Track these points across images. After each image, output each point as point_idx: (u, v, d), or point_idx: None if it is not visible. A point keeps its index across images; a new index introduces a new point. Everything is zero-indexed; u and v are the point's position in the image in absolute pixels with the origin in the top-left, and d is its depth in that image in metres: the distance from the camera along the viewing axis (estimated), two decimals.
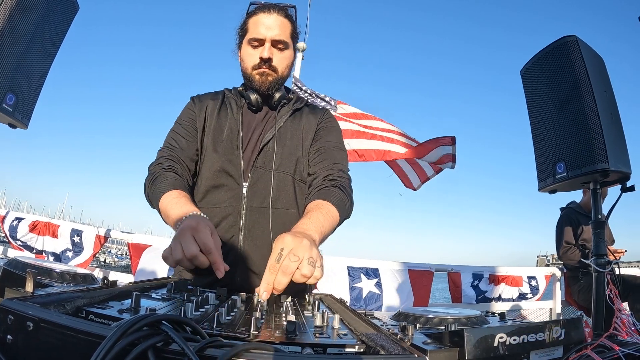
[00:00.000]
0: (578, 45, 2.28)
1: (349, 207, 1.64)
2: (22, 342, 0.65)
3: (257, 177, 1.69)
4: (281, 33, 1.72)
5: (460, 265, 5.42)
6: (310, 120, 1.84)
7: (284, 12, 1.75)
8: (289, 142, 1.76)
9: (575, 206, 4.67)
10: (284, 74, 1.78)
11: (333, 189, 1.60)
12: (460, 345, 0.78)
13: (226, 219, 1.68)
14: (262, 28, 1.71)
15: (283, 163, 1.72)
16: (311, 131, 1.81)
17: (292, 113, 1.82)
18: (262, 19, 1.72)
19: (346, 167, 1.77)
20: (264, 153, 1.71)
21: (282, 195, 1.70)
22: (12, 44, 1.92)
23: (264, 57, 1.70)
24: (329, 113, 1.93)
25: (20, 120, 2.06)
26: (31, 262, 1.38)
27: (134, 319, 0.58)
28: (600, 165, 2.09)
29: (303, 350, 0.71)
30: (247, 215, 1.67)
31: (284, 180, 1.71)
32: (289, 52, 1.78)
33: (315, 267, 1.08)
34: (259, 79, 1.74)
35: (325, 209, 1.48)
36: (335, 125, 1.90)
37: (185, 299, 1.04)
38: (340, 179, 1.67)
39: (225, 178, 1.70)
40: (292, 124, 1.80)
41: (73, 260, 4.66)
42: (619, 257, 4.19)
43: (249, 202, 1.67)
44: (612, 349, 1.05)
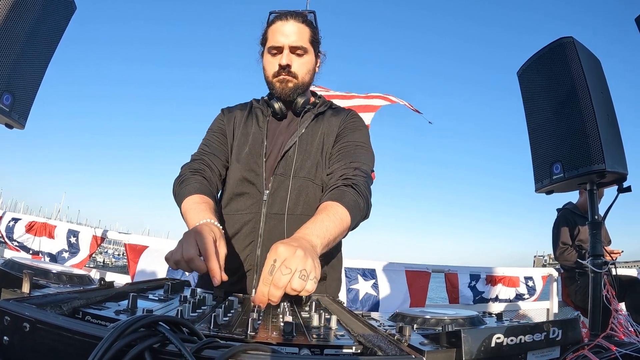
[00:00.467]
0: (575, 46, 2.29)
1: (363, 207, 1.57)
2: (19, 343, 0.65)
3: (278, 184, 1.69)
4: (299, 39, 1.73)
5: (457, 266, 5.42)
6: (332, 122, 1.82)
7: (302, 18, 1.77)
8: (310, 147, 1.75)
9: (571, 207, 4.68)
10: (305, 79, 1.79)
11: (345, 189, 1.54)
12: (458, 345, 0.78)
13: (246, 225, 1.69)
14: (279, 36, 1.73)
15: (303, 169, 1.71)
16: (332, 134, 1.79)
17: (314, 118, 1.82)
18: (279, 27, 1.74)
19: (365, 165, 1.70)
20: (284, 160, 1.72)
21: (301, 201, 1.68)
22: (9, 44, 1.91)
23: (282, 64, 1.72)
24: (354, 113, 1.90)
25: (17, 120, 2.05)
26: (28, 262, 1.38)
27: (131, 320, 0.58)
28: (596, 166, 2.10)
29: (300, 351, 0.71)
30: (266, 222, 1.67)
31: (304, 186, 1.70)
32: (308, 57, 1.79)
33: (307, 281, 1.04)
34: (279, 86, 1.76)
35: (333, 210, 1.43)
36: (360, 125, 1.86)
37: (182, 300, 1.04)
38: (355, 177, 1.61)
39: (247, 186, 1.72)
40: (314, 128, 1.80)
41: (69, 260, 4.66)
42: (615, 257, 4.20)
43: (269, 209, 1.68)
44: (609, 349, 1.05)
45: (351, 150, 1.73)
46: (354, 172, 1.62)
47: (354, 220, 1.50)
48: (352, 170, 1.63)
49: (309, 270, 1.06)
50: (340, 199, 1.48)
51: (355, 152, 1.72)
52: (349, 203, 1.48)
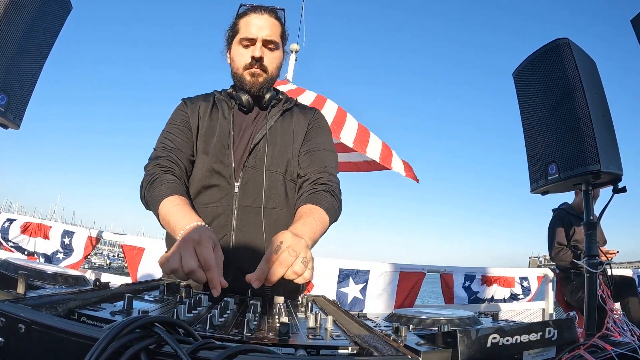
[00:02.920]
0: (570, 47, 2.29)
1: (337, 211, 1.66)
2: (14, 345, 0.64)
3: (249, 177, 1.69)
4: (272, 33, 1.74)
5: (452, 266, 5.44)
6: (301, 120, 1.85)
7: (275, 14, 1.79)
8: (280, 141, 1.76)
9: (567, 207, 4.70)
10: (274, 74, 1.80)
11: (324, 194, 1.61)
12: (453, 346, 0.78)
13: (217, 218, 1.67)
14: (253, 28, 1.73)
15: (274, 163, 1.72)
16: (302, 131, 1.82)
17: (282, 113, 1.83)
18: (253, 19, 1.74)
19: (335, 170, 1.79)
20: (254, 153, 1.72)
21: (273, 194, 1.70)
22: (3, 44, 1.90)
23: (256, 56, 1.72)
24: (319, 113, 1.94)
25: (12, 120, 2.04)
26: (23, 263, 1.38)
27: (127, 321, 0.58)
28: (592, 167, 2.10)
29: (296, 352, 0.71)
30: (238, 214, 1.67)
31: (275, 180, 1.72)
32: (279, 53, 1.81)
33: (306, 268, 1.11)
34: (250, 79, 1.75)
35: (317, 214, 1.50)
36: (325, 126, 1.92)
37: (178, 301, 1.04)
38: (330, 182, 1.68)
39: (216, 178, 1.70)
40: (283, 123, 1.81)
41: (64, 261, 4.65)
42: (610, 258, 4.22)
43: (240, 202, 1.67)
44: (604, 349, 1.06)
45: (321, 153, 1.79)
46: (328, 177, 1.70)
47: (330, 222, 1.59)
48: (327, 175, 1.71)
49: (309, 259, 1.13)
50: (320, 204, 1.56)
51: (326, 157, 1.79)
52: (328, 207, 1.57)
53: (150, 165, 1.66)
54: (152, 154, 1.73)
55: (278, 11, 1.82)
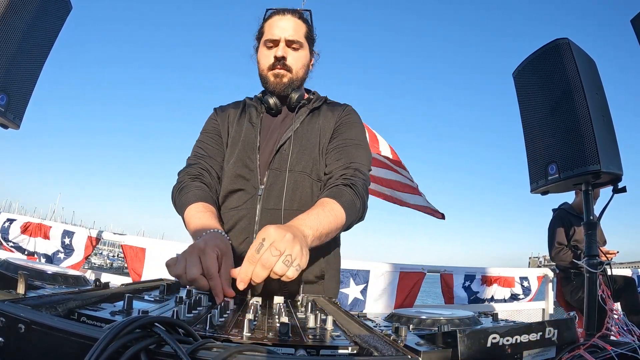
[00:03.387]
0: (570, 47, 2.30)
1: (359, 207, 1.59)
2: (14, 345, 0.64)
3: (273, 179, 1.68)
4: (295, 33, 1.76)
5: (452, 267, 5.44)
6: (329, 117, 1.82)
7: (298, 15, 1.80)
8: (306, 142, 1.74)
9: (567, 207, 4.70)
10: (299, 74, 1.80)
11: (344, 188, 1.55)
12: (454, 346, 0.78)
13: (241, 220, 1.67)
14: (276, 29, 1.75)
15: (300, 163, 1.70)
16: (329, 129, 1.79)
17: (309, 112, 1.82)
18: (276, 21, 1.77)
19: (364, 166, 1.72)
20: (279, 155, 1.71)
21: (297, 196, 1.67)
22: (3, 44, 1.90)
23: (278, 55, 1.74)
24: (350, 109, 1.90)
25: (12, 120, 2.04)
26: (23, 263, 1.38)
27: (127, 321, 0.58)
28: (592, 167, 2.10)
29: (296, 352, 0.71)
30: (261, 217, 1.65)
31: (301, 180, 1.69)
32: (304, 52, 1.81)
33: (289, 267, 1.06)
34: (273, 80, 1.76)
35: (328, 206, 1.45)
36: (356, 121, 1.87)
37: (178, 301, 1.04)
38: (354, 177, 1.62)
39: (242, 182, 1.70)
40: (310, 123, 1.80)
41: (64, 261, 4.65)
42: (610, 258, 4.22)
43: (264, 204, 1.66)
44: (604, 349, 1.06)
45: (349, 149, 1.73)
46: (353, 172, 1.63)
47: (349, 219, 1.52)
48: (352, 171, 1.64)
49: (294, 257, 1.07)
50: (336, 197, 1.49)
51: (354, 152, 1.72)
52: (346, 202, 1.50)
53: (182, 173, 1.75)
54: (186, 161, 1.80)
55: (303, 12, 1.83)
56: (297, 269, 1.08)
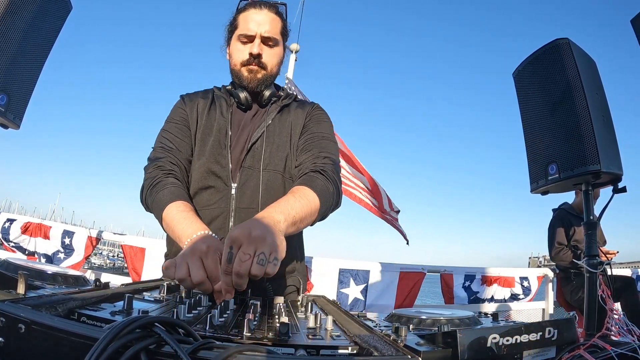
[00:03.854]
0: (570, 47, 2.29)
1: (333, 192, 1.55)
2: (14, 345, 0.64)
3: (246, 177, 1.65)
4: (271, 30, 1.70)
5: (452, 267, 5.44)
6: (299, 114, 1.79)
7: (275, 9, 1.74)
8: (277, 139, 1.71)
9: (567, 207, 4.70)
10: (274, 71, 1.76)
11: (314, 174, 1.53)
12: (454, 346, 0.78)
13: (215, 221, 1.63)
14: (252, 24, 1.69)
15: (272, 161, 1.67)
16: (299, 125, 1.76)
17: (280, 110, 1.78)
18: (252, 14, 1.70)
19: (334, 155, 1.70)
20: (252, 152, 1.68)
21: (271, 194, 1.62)
22: (3, 44, 1.90)
23: (254, 53, 1.68)
24: (318, 106, 1.88)
25: (12, 120, 2.04)
26: (23, 263, 1.37)
27: (127, 321, 0.58)
28: (592, 167, 2.10)
29: (296, 352, 0.71)
30: (236, 216, 1.62)
31: (273, 179, 1.66)
32: (279, 49, 1.76)
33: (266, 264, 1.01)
34: (247, 75, 1.71)
35: (300, 192, 1.41)
36: (325, 118, 1.84)
37: (178, 301, 1.04)
38: (324, 165, 1.60)
39: (213, 179, 1.66)
40: (280, 120, 1.76)
41: (65, 261, 4.65)
42: (610, 258, 4.22)
43: (237, 204, 1.63)
44: (604, 348, 1.06)
45: (317, 141, 1.71)
46: (322, 160, 1.62)
47: (324, 205, 1.48)
48: (322, 159, 1.62)
49: (268, 252, 1.03)
50: (308, 183, 1.47)
51: (322, 143, 1.70)
52: (318, 187, 1.47)
53: (151, 167, 1.64)
54: (151, 154, 1.70)
55: (279, 6, 1.77)
56: (274, 264, 1.03)
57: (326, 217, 1.61)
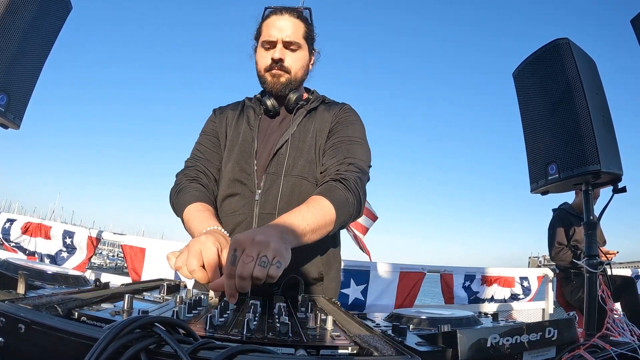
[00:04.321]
0: (570, 47, 2.29)
1: (353, 203, 1.50)
2: (14, 345, 0.64)
3: (270, 183, 1.66)
4: (293, 34, 1.72)
5: (452, 267, 5.44)
6: (325, 117, 1.78)
7: (297, 14, 1.76)
8: (302, 144, 1.71)
9: (567, 207, 4.70)
10: (298, 75, 1.77)
11: (334, 184, 1.49)
12: (454, 346, 0.78)
13: (239, 226, 1.66)
14: (273, 30, 1.72)
15: (296, 167, 1.67)
16: (325, 129, 1.75)
17: (306, 114, 1.78)
18: (274, 21, 1.73)
19: (361, 161, 1.64)
20: (276, 158, 1.69)
21: (294, 200, 1.61)
22: (3, 44, 1.90)
23: (275, 58, 1.70)
24: (348, 107, 1.85)
25: (12, 120, 2.04)
26: (22, 263, 1.38)
27: (127, 321, 0.58)
28: (592, 167, 2.10)
29: (296, 352, 0.71)
30: (259, 222, 1.63)
31: (297, 184, 1.65)
32: (302, 53, 1.77)
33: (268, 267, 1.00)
34: (270, 80, 1.74)
35: (314, 203, 1.39)
36: (354, 119, 1.80)
37: (178, 301, 1.04)
38: (347, 172, 1.55)
39: (239, 186, 1.69)
40: (307, 125, 1.76)
41: (68, 260, 4.65)
42: (610, 258, 4.22)
43: (261, 209, 1.64)
44: (604, 348, 1.06)
45: (345, 145, 1.68)
46: (346, 167, 1.58)
47: (341, 215, 1.44)
48: (346, 165, 1.59)
49: (271, 256, 1.02)
50: (325, 193, 1.44)
51: (350, 148, 1.67)
52: (335, 197, 1.44)
53: (180, 175, 1.76)
54: (184, 163, 1.81)
55: (303, 11, 1.79)
56: (277, 266, 1.02)
57: (345, 226, 1.60)
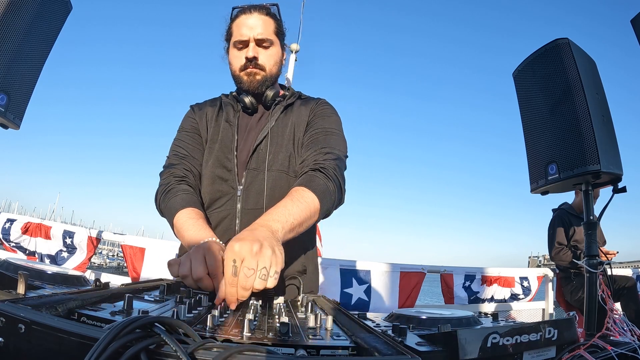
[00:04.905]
0: (570, 47, 2.29)
1: (334, 190, 1.54)
2: (14, 345, 0.64)
3: (251, 179, 1.68)
4: (264, 31, 1.73)
5: (452, 267, 5.43)
6: (302, 111, 1.80)
7: (266, 11, 1.77)
8: (281, 139, 1.73)
9: (567, 207, 4.70)
10: (273, 71, 1.79)
11: (313, 173, 1.52)
12: (454, 346, 0.78)
13: (222, 222, 1.68)
14: (244, 29, 1.72)
15: (276, 161, 1.69)
16: (302, 122, 1.77)
17: (284, 109, 1.80)
18: (243, 20, 1.74)
19: (337, 150, 1.68)
20: (256, 154, 1.70)
21: (277, 194, 1.63)
22: (3, 44, 1.90)
23: (249, 56, 1.72)
24: (324, 101, 1.89)
25: (12, 120, 2.04)
26: (22, 263, 1.37)
27: (127, 321, 0.58)
28: (591, 167, 2.10)
29: (296, 352, 0.71)
30: (242, 218, 1.65)
31: (278, 179, 1.68)
32: (275, 50, 1.79)
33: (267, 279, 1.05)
34: (247, 79, 1.75)
35: (297, 195, 1.42)
36: (330, 112, 1.84)
37: (178, 301, 1.04)
38: (325, 161, 1.58)
39: (220, 183, 1.70)
40: (284, 120, 1.78)
41: (69, 260, 4.65)
42: (610, 258, 4.22)
43: (243, 205, 1.66)
44: (604, 348, 1.06)
45: (321, 137, 1.71)
46: (324, 156, 1.61)
47: (325, 204, 1.48)
48: (323, 155, 1.62)
49: (270, 266, 1.06)
50: (307, 184, 1.47)
51: (327, 139, 1.70)
52: (317, 187, 1.46)
53: (165, 174, 1.72)
54: (166, 162, 1.78)
55: (270, 7, 1.80)
56: (275, 278, 1.07)
57: (329, 215, 1.62)
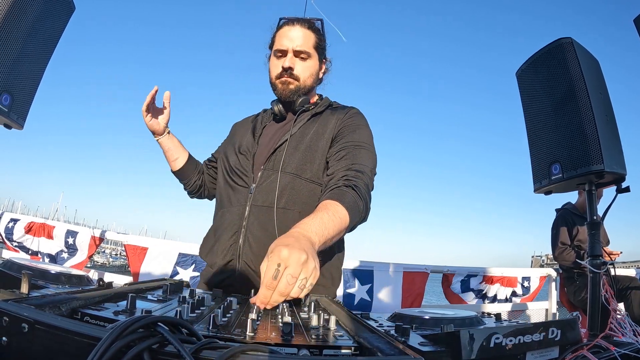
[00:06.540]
0: (573, 47, 2.29)
1: (362, 209, 1.55)
2: (17, 344, 0.64)
3: (265, 178, 1.72)
4: (303, 44, 1.81)
5: (455, 266, 5.42)
6: (330, 121, 1.81)
7: (308, 24, 1.85)
8: (300, 144, 1.75)
9: (570, 207, 4.68)
10: (307, 82, 1.85)
11: (346, 190, 1.51)
12: (457, 346, 0.78)
13: (232, 217, 1.73)
14: (285, 40, 1.81)
15: (293, 165, 1.71)
16: (327, 132, 1.78)
17: (311, 117, 1.85)
18: (286, 31, 1.83)
19: (367, 168, 1.68)
20: (274, 156, 1.75)
21: (286, 194, 1.68)
22: (7, 44, 1.91)
23: (285, 66, 1.79)
24: (355, 111, 1.89)
25: (15, 120, 2.04)
26: (26, 263, 1.38)
27: (130, 321, 0.58)
28: (595, 167, 2.09)
29: (299, 351, 0.71)
30: (250, 213, 1.69)
31: (290, 180, 1.70)
32: (312, 62, 1.86)
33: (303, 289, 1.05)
34: (281, 87, 1.82)
35: (333, 209, 1.40)
36: (361, 124, 1.84)
37: (181, 301, 1.04)
38: (356, 179, 1.58)
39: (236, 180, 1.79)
40: (308, 127, 1.81)
41: (68, 261, 4.65)
42: (614, 258, 4.20)
43: (253, 202, 1.70)
44: (608, 349, 1.06)
45: (352, 150, 1.70)
46: (355, 174, 1.60)
47: (352, 221, 1.47)
48: (354, 172, 1.61)
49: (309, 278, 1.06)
50: (340, 199, 1.45)
51: (357, 153, 1.69)
52: (349, 204, 1.46)
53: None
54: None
55: (315, 22, 1.89)
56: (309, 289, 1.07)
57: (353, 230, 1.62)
